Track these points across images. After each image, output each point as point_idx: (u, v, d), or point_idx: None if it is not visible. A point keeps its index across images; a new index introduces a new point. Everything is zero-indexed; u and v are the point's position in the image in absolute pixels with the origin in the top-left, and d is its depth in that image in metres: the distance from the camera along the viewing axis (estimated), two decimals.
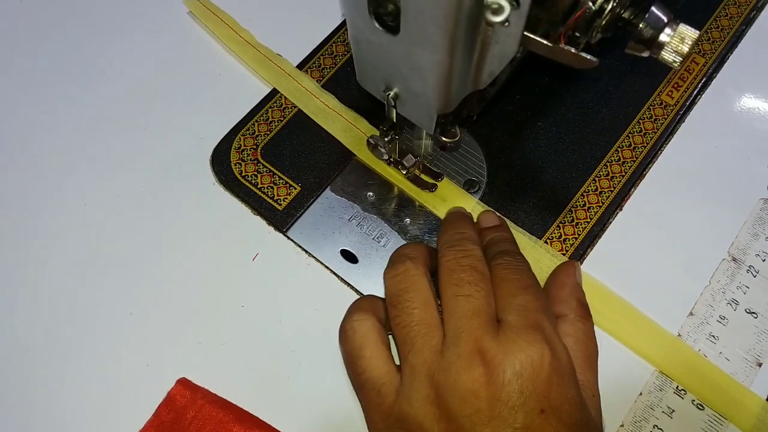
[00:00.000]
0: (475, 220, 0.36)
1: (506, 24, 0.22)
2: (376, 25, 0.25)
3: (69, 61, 0.43)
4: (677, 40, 0.23)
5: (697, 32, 0.23)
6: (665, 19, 0.23)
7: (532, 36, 0.24)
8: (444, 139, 0.30)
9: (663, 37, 0.23)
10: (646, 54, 0.24)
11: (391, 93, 0.29)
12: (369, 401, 0.30)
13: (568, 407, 0.27)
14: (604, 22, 0.22)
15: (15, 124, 0.41)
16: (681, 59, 0.24)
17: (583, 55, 0.23)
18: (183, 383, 0.34)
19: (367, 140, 0.37)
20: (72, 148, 0.40)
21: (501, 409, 0.26)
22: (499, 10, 0.22)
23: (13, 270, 0.37)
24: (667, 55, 0.24)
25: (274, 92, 0.41)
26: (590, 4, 0.22)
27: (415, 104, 0.29)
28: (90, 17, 0.45)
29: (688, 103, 0.40)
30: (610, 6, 0.22)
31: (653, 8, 0.23)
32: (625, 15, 0.23)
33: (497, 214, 0.36)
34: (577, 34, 0.23)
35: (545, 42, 0.24)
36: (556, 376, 0.27)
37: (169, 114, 0.41)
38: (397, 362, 0.30)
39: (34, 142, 0.40)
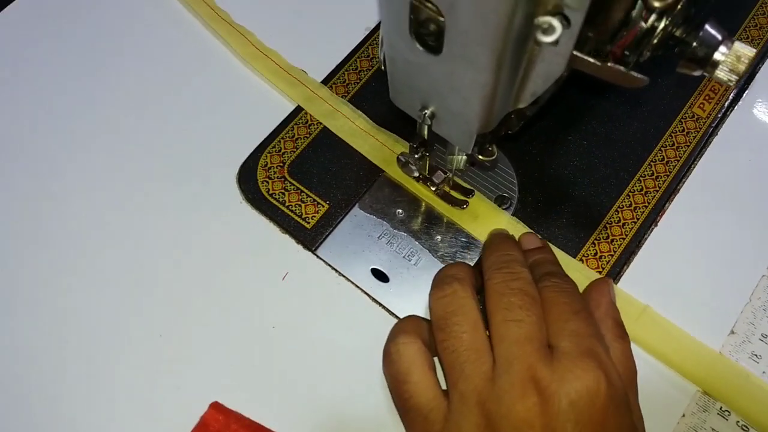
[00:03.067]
0: None
1: (556, 44, 0.22)
2: (417, 45, 0.25)
3: (96, 79, 0.43)
4: (733, 59, 0.22)
5: (754, 50, 0.23)
6: (720, 37, 0.23)
7: (580, 55, 0.23)
8: (481, 157, 0.30)
9: (717, 56, 0.23)
10: (698, 73, 0.24)
11: (428, 112, 0.28)
12: (415, 428, 0.29)
13: None
14: (655, 41, 0.22)
15: (34, 143, 0.41)
16: (737, 78, 0.23)
17: (633, 73, 0.23)
18: (216, 407, 0.33)
19: (398, 157, 0.37)
20: (99, 168, 0.40)
21: None
22: (549, 30, 0.21)
23: (40, 292, 0.37)
24: (722, 75, 0.23)
25: (299, 109, 0.41)
26: (642, 23, 0.22)
27: (452, 123, 0.28)
28: (112, 35, 0.44)
29: (720, 116, 0.40)
30: (662, 24, 0.22)
31: (707, 26, 0.22)
32: (677, 33, 0.22)
33: (538, 236, 0.35)
34: (627, 53, 0.23)
35: (594, 61, 0.23)
36: (612, 404, 0.26)
37: (194, 132, 0.41)
38: (443, 387, 0.29)
39: (61, 163, 0.40)
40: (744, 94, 0.41)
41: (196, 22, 0.44)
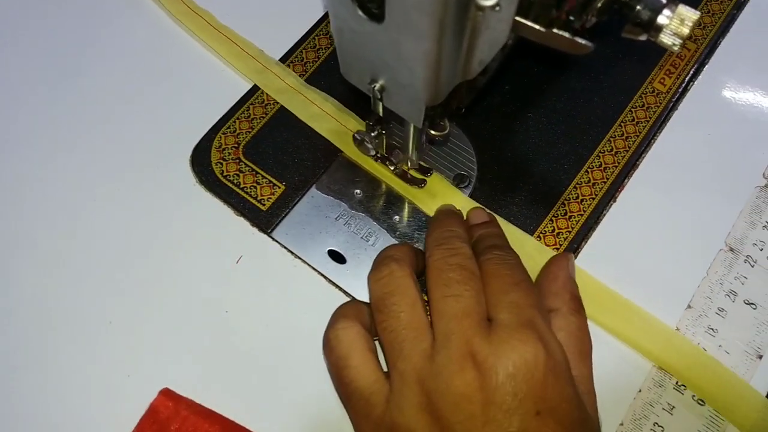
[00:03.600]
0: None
1: (497, 8, 0.21)
2: (360, 12, 0.24)
3: (43, 56, 0.41)
4: (677, 22, 0.22)
5: (698, 13, 0.22)
6: (664, 1, 0.22)
7: (523, 21, 0.22)
8: (433, 132, 0.29)
9: (662, 20, 0.22)
10: (643, 37, 0.23)
11: (377, 85, 0.28)
12: (358, 412, 0.28)
13: (565, 406, 0.26)
14: (599, 5, 0.21)
15: None
16: (681, 42, 0.22)
17: (578, 40, 0.22)
18: (166, 394, 0.33)
19: (353, 136, 0.36)
20: (46, 148, 0.39)
21: (495, 412, 0.25)
22: None
23: None
24: (665, 39, 0.23)
25: (255, 88, 0.40)
26: None
27: (402, 96, 0.27)
28: (61, 13, 0.43)
29: (680, 91, 0.40)
30: None
31: None
32: None
33: (487, 210, 0.35)
34: (571, 18, 0.22)
35: (538, 27, 0.22)
36: (551, 375, 0.25)
37: (145, 112, 0.40)
38: (385, 369, 0.29)
39: (5, 141, 0.39)
40: (704, 69, 0.40)
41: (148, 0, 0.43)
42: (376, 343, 0.30)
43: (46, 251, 0.36)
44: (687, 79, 0.40)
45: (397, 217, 0.37)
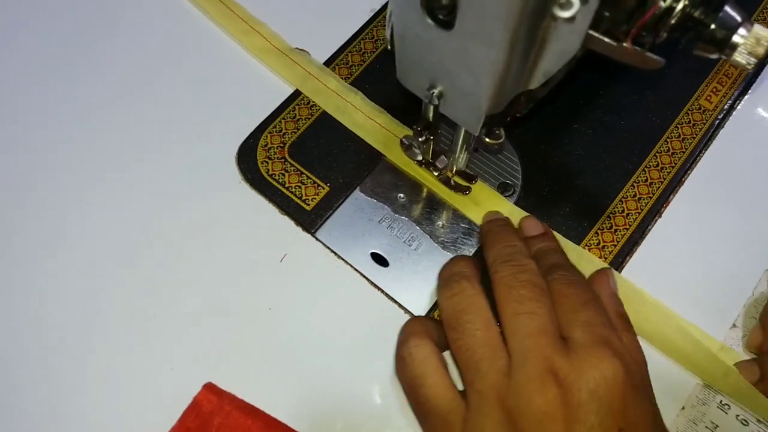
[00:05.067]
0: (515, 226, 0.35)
1: (573, 20, 0.21)
2: (428, 19, 0.24)
3: (85, 57, 0.42)
4: (752, 42, 0.22)
5: None
6: (739, 20, 0.22)
7: (596, 34, 0.23)
8: (488, 140, 0.29)
9: (736, 39, 0.22)
10: (715, 56, 0.23)
11: (436, 91, 0.28)
12: (435, 431, 0.28)
13: (645, 422, 0.26)
14: (673, 21, 0.21)
15: (33, 124, 0.40)
16: (756, 62, 0.22)
17: (649, 55, 0.22)
18: (209, 388, 0.33)
19: (401, 140, 0.36)
20: (96, 147, 0.39)
21: (579, 429, 0.25)
22: (567, 5, 0.20)
23: (32, 270, 0.36)
24: (740, 58, 0.23)
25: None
26: (661, 2, 0.21)
27: (461, 104, 0.27)
28: (107, 17, 0.43)
29: (727, 108, 0.39)
30: (680, 5, 0.21)
31: (726, 7, 0.22)
32: (696, 14, 0.22)
33: (539, 220, 0.35)
34: (644, 33, 0.22)
35: (609, 41, 0.22)
36: (631, 392, 0.25)
37: (194, 112, 0.40)
38: (460, 387, 0.29)
39: (59, 141, 0.39)
40: (751, 88, 0.40)
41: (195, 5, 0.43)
42: (448, 360, 0.30)
43: (92, 247, 0.36)
44: (734, 97, 0.40)
45: (440, 223, 0.37)
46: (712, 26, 0.22)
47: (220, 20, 0.42)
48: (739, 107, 0.40)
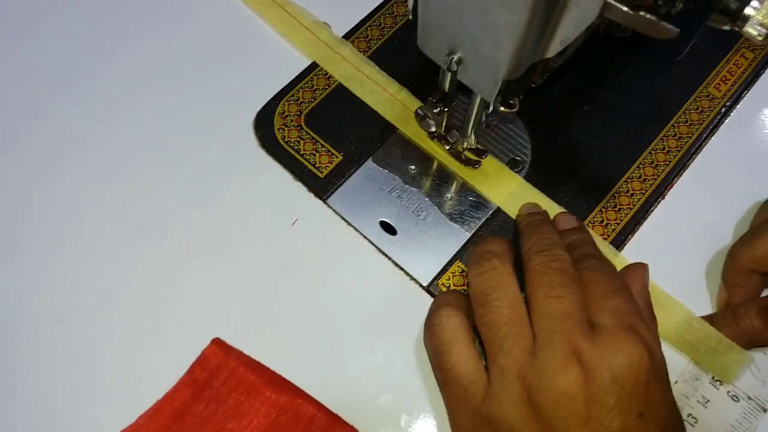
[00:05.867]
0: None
1: None
2: None
3: (106, 23, 0.43)
4: (764, 14, 0.23)
5: None
6: None
7: (613, 2, 0.23)
8: (503, 109, 0.30)
9: (749, 10, 0.23)
10: (727, 27, 0.24)
11: (455, 57, 0.29)
12: (456, 398, 0.29)
13: (664, 411, 0.26)
14: None
15: (55, 88, 0.40)
16: (766, 33, 0.23)
17: (664, 24, 0.23)
18: (217, 343, 0.34)
19: (416, 111, 0.37)
20: (113, 109, 0.40)
21: (598, 411, 0.25)
22: None
23: (51, 230, 0.37)
24: (751, 29, 0.23)
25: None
26: None
27: (479, 69, 0.28)
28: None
29: (735, 97, 0.40)
30: None
31: None
32: None
33: (574, 216, 0.35)
34: (660, 3, 0.23)
35: (627, 9, 0.23)
36: (654, 379, 0.26)
37: (213, 78, 0.41)
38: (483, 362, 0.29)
39: (74, 104, 0.40)
40: (759, 79, 0.41)
41: None
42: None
43: (110, 203, 0.37)
44: (743, 87, 0.40)
45: (448, 195, 0.38)
46: None
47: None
48: (746, 97, 0.41)
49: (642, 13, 0.24)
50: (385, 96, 0.40)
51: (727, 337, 0.33)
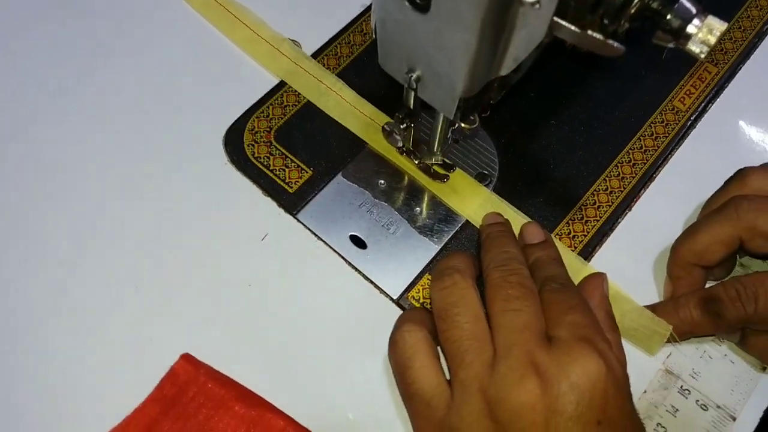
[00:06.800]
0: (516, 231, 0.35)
1: (537, 6, 0.23)
2: (406, 2, 0.26)
3: (77, 43, 0.43)
4: (705, 32, 0.23)
5: (725, 24, 0.24)
6: (694, 11, 0.24)
7: (561, 21, 0.24)
8: (463, 125, 0.30)
9: (691, 29, 0.24)
10: (671, 45, 0.25)
11: (414, 75, 0.29)
12: (418, 413, 0.29)
13: (624, 419, 0.27)
14: (632, 11, 0.23)
15: (23, 108, 0.41)
16: (708, 50, 0.24)
17: (610, 42, 0.24)
18: (186, 359, 0.34)
19: (383, 127, 0.37)
20: (83, 127, 0.40)
21: (557, 420, 0.26)
22: None
23: (18, 242, 0.37)
24: (693, 47, 0.24)
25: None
26: None
27: (437, 87, 0.29)
28: (98, 6, 0.45)
29: (699, 110, 0.41)
30: None
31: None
32: (654, 5, 0.23)
33: (541, 227, 0.35)
34: (606, 22, 0.24)
35: (573, 28, 0.24)
36: (612, 388, 0.26)
37: (183, 95, 0.41)
38: (447, 376, 0.30)
39: (45, 122, 0.40)
40: (723, 92, 0.42)
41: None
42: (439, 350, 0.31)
43: (78, 220, 0.37)
44: (707, 100, 0.41)
45: (418, 209, 0.38)
46: (669, 16, 0.24)
47: (205, 12, 0.43)
48: (710, 110, 0.41)
49: (589, 32, 0.24)
50: (352, 111, 0.40)
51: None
